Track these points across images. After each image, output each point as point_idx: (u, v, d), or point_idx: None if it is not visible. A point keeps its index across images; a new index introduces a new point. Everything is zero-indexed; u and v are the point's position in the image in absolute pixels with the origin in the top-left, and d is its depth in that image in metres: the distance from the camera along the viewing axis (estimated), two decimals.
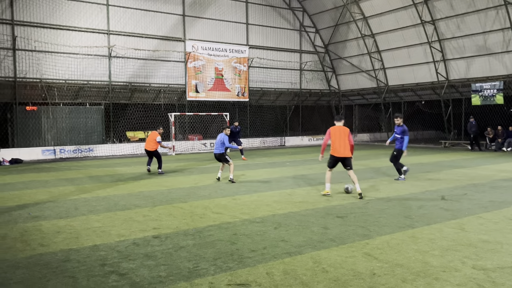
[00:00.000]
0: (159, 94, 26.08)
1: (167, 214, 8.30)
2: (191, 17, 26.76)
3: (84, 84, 23.32)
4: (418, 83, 28.19)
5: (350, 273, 5.01)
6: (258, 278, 4.87)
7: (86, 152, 22.21)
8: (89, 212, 8.52)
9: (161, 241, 6.43)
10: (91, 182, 12.82)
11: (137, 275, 5.02)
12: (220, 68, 27.61)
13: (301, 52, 32.12)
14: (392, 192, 10.39)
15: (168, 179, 13.24)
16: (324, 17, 31.45)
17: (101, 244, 6.29)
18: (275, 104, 31.98)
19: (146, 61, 25.18)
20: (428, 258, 5.48)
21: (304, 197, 9.86)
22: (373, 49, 29.49)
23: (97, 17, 23.56)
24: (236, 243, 6.25)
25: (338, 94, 34.06)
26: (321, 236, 6.55)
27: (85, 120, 23.16)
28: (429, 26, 25.59)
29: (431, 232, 6.74)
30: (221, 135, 12.83)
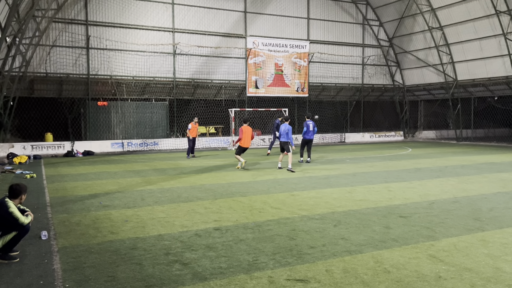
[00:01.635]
0: (220, 90, 26.62)
1: (227, 207, 8.48)
2: (252, 13, 26.98)
3: (150, 81, 24.37)
4: (491, 78, 26.39)
5: (413, 274, 4.84)
6: (317, 275, 4.85)
7: (151, 145, 23.24)
8: (154, 203, 8.92)
9: (222, 233, 6.59)
10: (156, 174, 13.40)
11: (199, 265, 5.19)
12: (280, 63, 27.60)
13: (364, 46, 31.26)
14: (459, 193, 9.86)
15: (228, 173, 13.51)
16: (388, 9, 30.32)
17: (165, 234, 6.56)
18: (335, 100, 31.44)
19: (209, 57, 25.78)
20: (500, 264, 5.15)
21: (365, 195, 9.64)
22: (441, 42, 28.00)
23: (163, 15, 24.47)
24: (295, 238, 6.26)
25: (402, 89, 32.77)
26: (383, 236, 6.38)
27: (151, 115, 24.22)
28: (505, 16, 23.82)
29: (503, 236, 6.32)
30: (286, 125, 14.22)
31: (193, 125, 18.73)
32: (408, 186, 10.83)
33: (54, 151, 21.09)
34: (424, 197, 9.41)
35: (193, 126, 18.73)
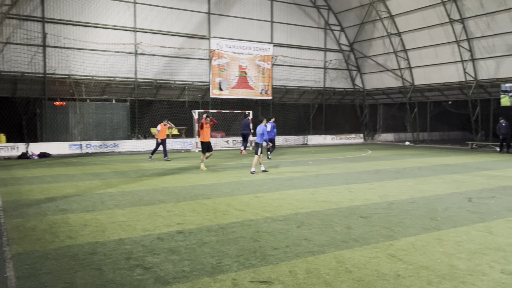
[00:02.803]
0: (184, 91, 26.35)
1: (190, 210, 8.39)
2: (216, 15, 26.91)
3: (111, 81, 23.77)
4: (445, 83, 27.58)
5: (374, 273, 4.97)
6: (281, 276, 4.88)
7: (111, 147, 22.65)
8: (115, 206, 8.70)
9: (185, 236, 6.51)
10: (116, 177, 13.08)
11: (162, 269, 5.10)
12: (244, 66, 27.67)
13: (326, 50, 31.87)
14: (416, 193, 10.23)
15: (191, 176, 13.38)
16: (349, 15, 31.09)
17: (127, 238, 6.41)
18: (298, 103, 31.85)
19: (172, 58, 25.46)
20: (454, 261, 5.37)
21: (327, 196, 9.81)
22: (399, 48, 29.00)
23: (124, 14, 23.95)
24: (258, 240, 6.28)
25: (362, 93, 33.65)
26: (344, 236, 6.51)
27: (111, 116, 23.61)
28: (458, 24, 24.98)
29: (457, 234, 6.61)
30: (261, 126, 14.32)
31: (162, 127, 18.30)
32: (368, 187, 11.12)
33: (7, 153, 20.14)
34: (384, 197, 9.69)
35: (163, 127, 18.30)
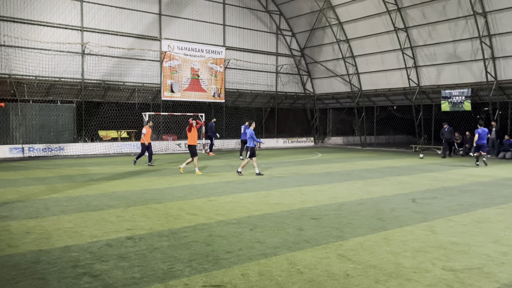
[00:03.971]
0: (134, 93, 25.71)
1: (141, 215, 8.19)
2: (168, 16, 26.52)
3: (56, 81, 22.75)
4: (391, 89, 28.82)
5: (324, 274, 5.08)
6: (233, 280, 4.87)
7: (56, 151, 21.65)
8: (60, 212, 8.32)
9: (135, 242, 6.34)
10: (62, 182, 12.51)
11: (110, 277, 4.93)
12: (196, 68, 27.45)
13: (278, 55, 32.32)
14: (365, 195, 10.58)
15: (142, 180, 13.06)
16: (300, 21, 31.74)
17: (73, 245, 6.15)
18: (251, 106, 32.03)
19: (121, 59, 24.78)
20: (400, 260, 5.61)
21: (280, 199, 9.92)
22: (348, 54, 29.97)
23: (71, 13, 23.03)
24: (211, 244, 6.23)
25: (313, 97, 34.42)
26: (296, 238, 6.61)
27: (56, 118, 22.55)
28: (402, 33, 26.22)
29: (403, 234, 6.90)
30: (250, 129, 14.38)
31: (147, 129, 17.48)
32: (319, 189, 11.37)
33: None
34: (334, 199, 9.94)
35: (148, 130, 17.46)
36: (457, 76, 25.08)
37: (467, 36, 23.61)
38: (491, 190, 11.39)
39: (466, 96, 24.33)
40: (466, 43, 23.88)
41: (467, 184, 12.53)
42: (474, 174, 14.94)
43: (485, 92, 23.95)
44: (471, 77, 24.44)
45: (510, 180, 13.45)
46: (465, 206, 9.26)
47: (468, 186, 12.13)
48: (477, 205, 9.39)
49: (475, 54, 23.68)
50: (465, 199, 10.05)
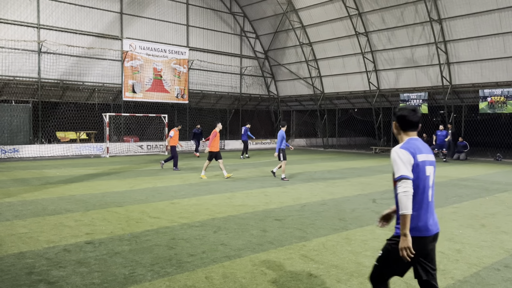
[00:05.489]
0: (93, 93, 24.98)
1: (101, 218, 7.96)
2: (129, 15, 25.98)
3: (10, 80, 21.76)
4: (352, 92, 29.49)
5: (288, 274, 5.12)
6: (197, 283, 4.82)
7: (10, 152, 20.70)
8: (14, 217, 7.95)
9: (95, 247, 6.16)
10: (16, 185, 11.97)
11: (68, 283, 4.76)
12: (159, 68, 27.04)
13: (242, 57, 32.36)
14: (327, 196, 10.77)
15: (101, 183, 12.71)
16: (264, 23, 31.95)
17: (28, 251, 5.89)
18: (215, 107, 31.89)
19: (80, 58, 24.04)
20: (361, 259, 5.74)
21: (244, 201, 9.92)
22: (311, 57, 30.43)
23: (26, 9, 22.11)
24: (174, 247, 6.14)
25: (277, 99, 34.70)
26: (260, 239, 6.63)
27: (10, 118, 21.57)
28: (363, 37, 26.91)
29: (363, 234, 7.06)
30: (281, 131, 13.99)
31: (175, 132, 16.59)
32: (282, 191, 11.46)
33: None
34: (297, 200, 10.05)
35: (176, 133, 16.60)
36: (415, 80, 26.01)
37: (424, 41, 24.54)
38: (446, 190, 11.87)
39: (423, 99, 25.26)
40: (423, 48, 24.81)
41: None
42: None
43: (441, 95, 24.96)
44: (427, 81, 25.41)
45: (463, 181, 14.07)
46: None
47: None
48: None
49: (431, 59, 24.65)
50: None
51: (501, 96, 21.99)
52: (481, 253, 6.07)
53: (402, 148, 3.35)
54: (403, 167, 3.26)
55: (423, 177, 3.33)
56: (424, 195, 3.35)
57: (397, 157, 3.31)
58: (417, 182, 3.30)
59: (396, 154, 3.33)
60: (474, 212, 8.97)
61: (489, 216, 8.54)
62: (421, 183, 3.32)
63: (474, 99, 23.98)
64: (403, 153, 3.30)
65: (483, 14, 21.75)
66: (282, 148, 13.80)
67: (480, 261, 5.69)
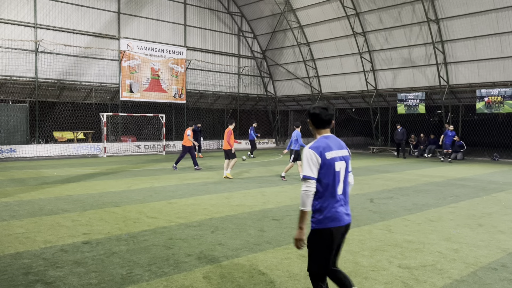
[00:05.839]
0: (91, 93, 24.93)
1: (98, 218, 7.94)
2: (127, 15, 25.93)
3: (7, 80, 21.68)
4: (349, 92, 29.52)
5: (285, 274, 5.11)
6: (194, 283, 4.81)
7: (7, 152, 20.63)
8: (11, 217, 7.93)
9: (92, 247, 6.14)
10: (13, 185, 11.93)
11: (65, 283, 4.75)
12: (157, 68, 27.00)
13: (239, 57, 32.35)
14: None
15: (99, 183, 12.68)
16: (262, 23, 31.94)
17: (25, 252, 5.87)
18: (212, 107, 31.87)
19: (77, 58, 23.98)
20: (358, 258, 5.74)
21: (241, 200, 9.92)
22: (308, 57, 30.44)
23: (23, 9, 22.05)
24: (172, 247, 6.13)
25: (274, 99, 34.70)
26: (257, 239, 6.62)
27: (7, 118, 21.49)
28: (360, 37, 26.94)
29: (361, 233, 7.07)
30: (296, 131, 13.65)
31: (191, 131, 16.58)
32: (280, 190, 11.47)
33: None
34: (294, 200, 10.05)
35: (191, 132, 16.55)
36: (412, 80, 26.06)
37: (421, 41, 24.58)
38: (443, 190, 11.90)
39: (420, 99, 25.31)
40: (420, 48, 24.85)
41: (421, 184, 13.02)
42: (428, 175, 15.56)
43: (438, 95, 25.01)
44: (425, 81, 25.46)
45: (460, 180, 14.11)
46: (419, 205, 9.62)
47: (422, 186, 12.61)
48: (430, 204, 9.78)
49: (429, 59, 24.70)
50: (419, 199, 10.44)
51: (498, 96, 22.05)
52: (478, 252, 6.08)
53: (310, 148, 3.58)
54: (307, 168, 3.53)
55: (332, 172, 3.57)
56: (334, 189, 3.60)
57: (305, 158, 3.57)
58: (326, 178, 3.56)
59: (305, 154, 3.58)
60: (471, 211, 8.99)
61: (486, 216, 8.56)
62: (330, 179, 3.57)
63: (471, 99, 24.05)
64: (311, 154, 3.54)
65: (480, 14, 21.82)
66: (296, 150, 13.41)
67: (477, 261, 5.70)
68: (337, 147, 3.67)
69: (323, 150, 3.56)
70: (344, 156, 3.70)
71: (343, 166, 3.66)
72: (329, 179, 3.57)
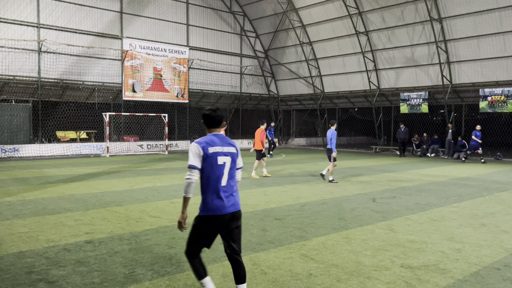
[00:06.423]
0: (93, 93, 24.98)
1: (101, 218, 7.96)
2: (129, 14, 25.97)
3: (10, 80, 21.75)
4: (352, 91, 29.47)
5: (288, 274, 5.11)
6: (196, 282, 4.81)
7: (10, 152, 20.70)
8: (14, 217, 7.95)
9: (95, 246, 6.15)
10: (16, 184, 11.97)
11: (68, 282, 4.76)
12: (159, 68, 27.02)
13: (242, 56, 32.34)
14: (326, 195, 10.76)
15: (101, 182, 12.71)
16: (264, 22, 31.92)
17: (28, 251, 5.89)
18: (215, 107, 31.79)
19: (80, 57, 24.03)
20: (361, 258, 5.73)
21: (244, 200, 9.91)
22: (311, 57, 30.40)
23: (26, 8, 22.10)
24: (174, 247, 6.14)
25: (277, 99, 34.68)
26: (260, 238, 6.62)
27: (10, 118, 21.57)
28: (363, 36, 26.88)
29: (363, 233, 7.06)
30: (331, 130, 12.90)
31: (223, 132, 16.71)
32: (282, 190, 11.46)
33: None
34: (297, 199, 10.05)
35: None
36: (415, 80, 25.99)
37: (424, 41, 24.51)
38: (446, 190, 11.87)
39: (423, 98, 25.25)
40: (423, 47, 24.78)
41: (423, 184, 12.99)
42: (430, 174, 15.52)
43: (441, 95, 24.94)
44: (428, 80, 25.39)
45: (463, 180, 14.07)
46: (422, 205, 9.60)
47: (425, 186, 12.58)
48: (433, 204, 9.75)
49: (432, 59, 24.63)
50: (422, 199, 10.42)
51: (501, 95, 21.98)
52: (481, 252, 6.06)
53: (195, 143, 4.01)
54: (192, 158, 3.94)
55: (215, 166, 3.95)
56: (217, 181, 3.97)
57: (190, 150, 3.98)
58: (208, 170, 3.95)
59: (190, 148, 4.00)
60: (474, 211, 8.96)
61: (489, 215, 8.54)
62: (213, 171, 3.95)
63: (474, 99, 23.96)
64: (194, 147, 3.97)
65: (483, 13, 21.74)
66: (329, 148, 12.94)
67: (480, 261, 5.69)
68: (223, 144, 4.06)
69: (206, 145, 3.96)
70: (230, 153, 4.06)
71: (228, 160, 4.02)
72: (211, 171, 3.94)
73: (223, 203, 3.99)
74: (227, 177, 4.02)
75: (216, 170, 3.96)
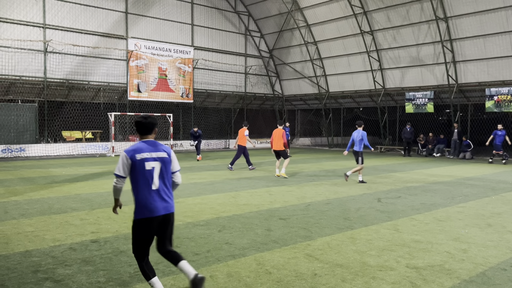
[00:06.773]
0: (99, 93, 25.09)
1: (106, 217, 8.00)
2: (134, 14, 26.06)
3: (16, 80, 21.90)
4: (357, 91, 29.40)
5: (292, 274, 5.11)
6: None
7: (17, 152, 20.84)
8: (21, 216, 8.01)
9: (100, 245, 6.18)
10: (22, 184, 12.05)
11: (74, 281, 4.79)
12: (164, 68, 27.09)
13: (246, 56, 32.35)
14: (331, 195, 10.74)
15: (107, 182, 12.76)
16: (269, 22, 31.91)
17: (34, 250, 5.93)
18: (220, 107, 31.91)
19: (85, 58, 24.14)
20: (365, 258, 5.72)
21: (248, 200, 9.92)
22: (315, 56, 30.36)
23: (32, 9, 22.24)
24: (179, 246, 6.15)
25: (281, 98, 34.66)
26: (264, 238, 6.62)
27: (16, 118, 21.70)
28: (368, 36, 26.81)
29: (368, 233, 7.04)
30: (359, 131, 12.84)
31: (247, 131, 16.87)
32: (287, 190, 11.45)
33: None
34: (301, 199, 10.04)
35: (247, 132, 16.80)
36: (420, 79, 25.88)
37: (430, 40, 24.40)
38: (452, 190, 11.81)
39: (429, 98, 25.13)
40: (429, 47, 24.67)
41: (429, 184, 12.93)
42: (436, 174, 15.46)
43: (447, 94, 24.83)
44: (433, 80, 25.27)
45: (469, 180, 13.99)
46: (427, 205, 9.56)
47: (430, 186, 12.53)
48: (438, 204, 9.71)
49: (437, 58, 24.51)
50: (427, 199, 10.38)
51: (507, 94, 21.83)
52: (487, 252, 6.03)
53: (124, 151, 4.19)
54: (120, 168, 4.15)
55: (143, 171, 4.14)
56: (147, 185, 4.16)
57: (119, 159, 4.18)
58: (138, 175, 4.14)
59: (120, 156, 4.19)
60: (480, 211, 8.92)
61: (495, 216, 8.49)
62: (142, 176, 4.14)
63: (480, 98, 23.83)
64: (123, 156, 4.15)
65: (489, 12, 21.61)
66: (360, 151, 12.80)
67: (486, 261, 5.66)
68: (152, 150, 4.23)
69: (133, 152, 4.15)
70: (160, 157, 4.24)
71: (157, 165, 4.20)
72: (140, 177, 4.14)
73: (154, 206, 4.16)
74: (158, 181, 4.21)
75: (145, 175, 4.15)
